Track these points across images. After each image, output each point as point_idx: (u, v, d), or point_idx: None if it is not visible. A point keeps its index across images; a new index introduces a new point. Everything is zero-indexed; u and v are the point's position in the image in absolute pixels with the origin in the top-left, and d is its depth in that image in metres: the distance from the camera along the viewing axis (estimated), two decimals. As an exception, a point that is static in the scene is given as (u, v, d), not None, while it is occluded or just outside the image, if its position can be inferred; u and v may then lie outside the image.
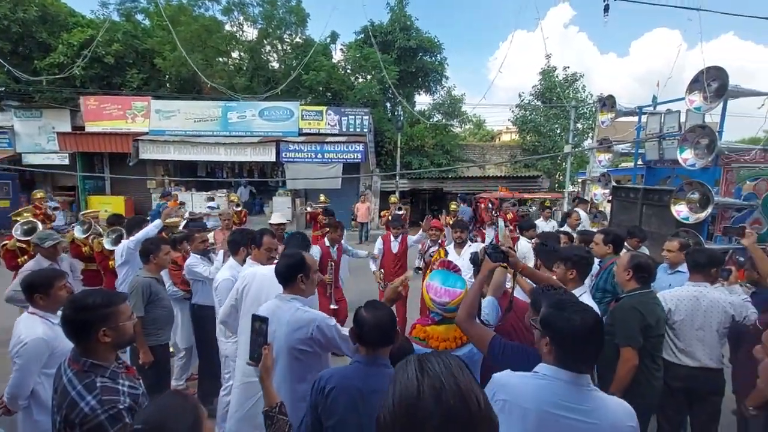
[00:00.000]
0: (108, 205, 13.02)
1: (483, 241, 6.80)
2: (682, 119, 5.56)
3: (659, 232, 5.22)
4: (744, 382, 2.42)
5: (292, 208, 13.46)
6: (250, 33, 17.40)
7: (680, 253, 3.34)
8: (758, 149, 5.23)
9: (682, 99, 5.27)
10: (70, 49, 14.18)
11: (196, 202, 13.59)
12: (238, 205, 7.67)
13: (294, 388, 2.02)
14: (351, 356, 1.90)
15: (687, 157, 4.85)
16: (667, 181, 5.90)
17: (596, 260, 3.45)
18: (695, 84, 4.96)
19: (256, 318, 1.63)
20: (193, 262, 3.63)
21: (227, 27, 17.21)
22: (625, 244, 3.94)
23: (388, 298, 1.99)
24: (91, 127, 13.95)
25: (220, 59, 16.82)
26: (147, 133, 13.86)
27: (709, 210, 4.49)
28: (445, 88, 19.48)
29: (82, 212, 5.53)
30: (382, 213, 8.12)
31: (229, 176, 15.14)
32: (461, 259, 4.45)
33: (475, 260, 2.00)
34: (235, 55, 17.64)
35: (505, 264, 1.93)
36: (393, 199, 8.98)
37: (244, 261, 3.15)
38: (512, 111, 19.58)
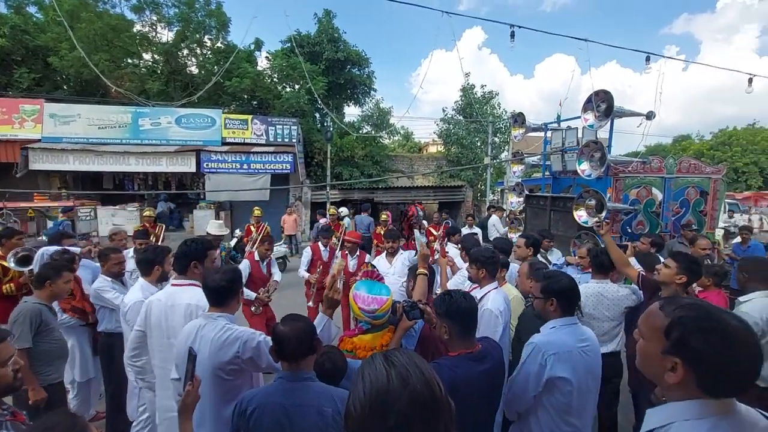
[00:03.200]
0: (-13, 223, 11.09)
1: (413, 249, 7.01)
2: (580, 135, 6.31)
3: (565, 234, 5.83)
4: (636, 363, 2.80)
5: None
6: (165, 35, 16.24)
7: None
8: (637, 161, 6.08)
9: (579, 117, 6.00)
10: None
11: (101, 217, 12.18)
12: (150, 220, 6.94)
13: (220, 410, 1.90)
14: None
15: (584, 168, 5.50)
16: (570, 189, 6.62)
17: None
18: (588, 104, 5.69)
19: (189, 351, 1.64)
20: (103, 286, 3.21)
21: (138, 27, 15.85)
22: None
23: (329, 298, 2.02)
24: (-36, 133, 11.88)
25: (130, 61, 15.40)
26: (39, 140, 12.13)
27: (604, 214, 5.12)
28: (373, 101, 19.93)
29: None
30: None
31: (142, 188, 13.79)
32: (392, 267, 4.56)
33: (394, 311, 2.08)
34: (147, 57, 16.28)
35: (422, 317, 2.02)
36: (332, 210, 8.92)
37: (159, 281, 2.89)
38: (437, 124, 20.66)
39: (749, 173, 26.56)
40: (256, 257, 4.61)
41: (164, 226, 7.96)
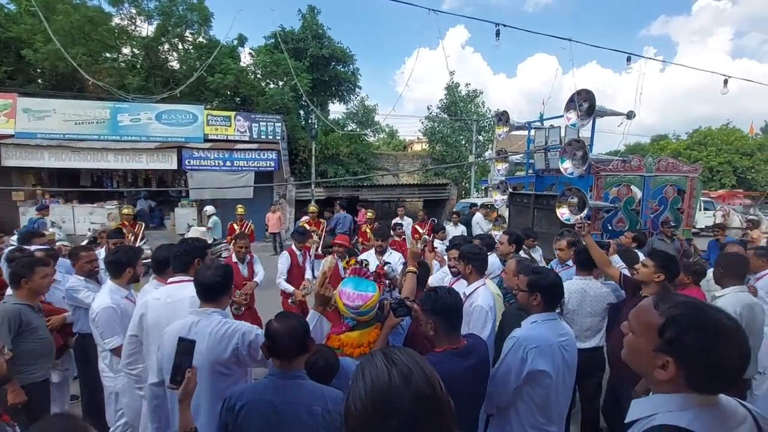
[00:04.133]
0: (-45, 221, 10.64)
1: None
2: (562, 134, 6.40)
3: (548, 232, 5.91)
4: (617, 356, 2.85)
5: (198, 221, 12.43)
6: (145, 29, 15.80)
7: (569, 251, 3.81)
8: (617, 160, 6.22)
9: (562, 116, 6.09)
10: None
11: (78, 215, 11.83)
12: (129, 218, 6.81)
13: (215, 405, 1.86)
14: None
15: (567, 166, 5.59)
16: (552, 187, 6.72)
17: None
18: (570, 103, 5.77)
19: (182, 340, 1.60)
20: (76, 285, 3.11)
21: (116, 20, 15.39)
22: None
23: (319, 295, 2.01)
24: (-71, 127, 11.35)
25: (108, 55, 14.94)
26: (12, 136, 11.68)
27: (586, 211, 5.22)
28: (358, 98, 19.85)
29: None
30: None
31: (121, 186, 13.43)
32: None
33: (381, 308, 2.09)
34: (126, 51, 15.81)
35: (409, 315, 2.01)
36: (312, 208, 8.84)
37: (129, 283, 2.86)
38: (422, 122, 20.74)
39: (723, 172, 27.44)
40: (234, 259, 4.44)
41: (144, 224, 7.80)
